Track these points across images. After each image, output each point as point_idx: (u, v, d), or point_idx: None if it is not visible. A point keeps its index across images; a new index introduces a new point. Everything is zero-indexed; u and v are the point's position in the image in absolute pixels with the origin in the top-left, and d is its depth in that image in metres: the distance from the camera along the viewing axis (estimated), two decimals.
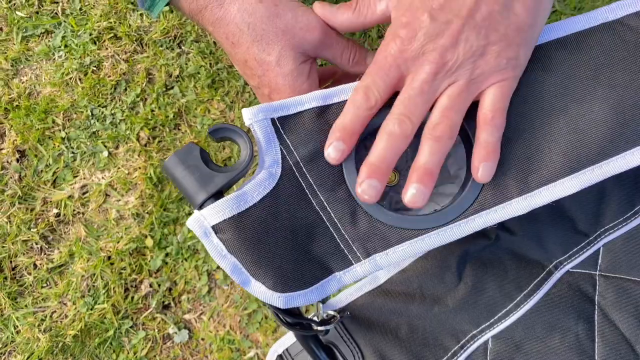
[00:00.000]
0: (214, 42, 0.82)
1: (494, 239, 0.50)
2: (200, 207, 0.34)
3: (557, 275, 0.51)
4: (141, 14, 0.83)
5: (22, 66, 0.82)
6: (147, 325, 0.75)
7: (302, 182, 0.36)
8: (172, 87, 0.80)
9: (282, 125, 0.36)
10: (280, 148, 0.36)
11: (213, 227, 0.34)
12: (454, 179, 0.44)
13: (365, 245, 0.36)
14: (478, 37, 0.33)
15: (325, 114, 0.37)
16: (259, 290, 0.34)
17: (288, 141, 0.36)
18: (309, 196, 0.36)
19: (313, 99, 0.36)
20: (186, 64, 0.81)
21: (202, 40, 0.82)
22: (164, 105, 0.79)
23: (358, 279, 0.37)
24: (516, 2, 0.33)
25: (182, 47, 0.82)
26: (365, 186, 0.34)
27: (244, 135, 0.35)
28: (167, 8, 0.82)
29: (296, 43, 0.39)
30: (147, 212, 0.77)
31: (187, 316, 0.75)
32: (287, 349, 0.50)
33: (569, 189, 0.36)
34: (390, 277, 0.51)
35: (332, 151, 0.35)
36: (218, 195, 0.34)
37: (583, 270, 0.51)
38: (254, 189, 0.35)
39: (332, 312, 0.45)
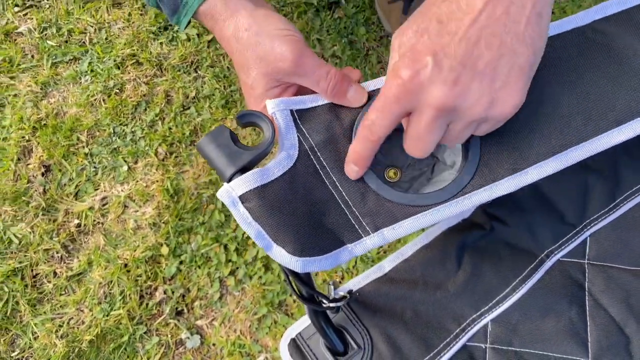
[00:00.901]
0: (228, 67, 0.89)
1: (489, 230, 0.55)
2: (229, 180, 0.39)
3: (549, 263, 0.55)
4: (161, 42, 0.90)
5: (50, 89, 0.89)
6: (160, 331, 0.78)
7: (316, 164, 0.41)
8: (189, 107, 0.87)
9: (299, 116, 0.42)
10: (298, 135, 0.41)
11: (240, 197, 0.38)
12: (450, 167, 0.49)
13: (374, 221, 0.40)
14: (481, 85, 0.33)
15: (335, 110, 0.43)
16: (280, 253, 0.38)
17: (304, 129, 0.42)
18: (323, 177, 0.41)
19: None
20: (202, 86, 0.88)
21: (216, 66, 0.89)
22: (181, 124, 0.85)
23: (367, 251, 0.41)
24: (518, 44, 0.33)
25: (199, 72, 0.89)
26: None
27: (267, 119, 0.40)
28: (184, 36, 0.90)
29: (270, 70, 0.44)
30: (163, 222, 0.81)
31: (199, 322, 0.78)
32: (299, 333, 0.53)
33: (551, 169, 0.41)
34: (395, 266, 0.55)
35: (350, 172, 0.41)
36: (244, 170, 0.39)
37: (573, 259, 0.55)
38: (275, 166, 0.40)
39: (342, 293, 0.49)
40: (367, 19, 0.93)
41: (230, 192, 0.39)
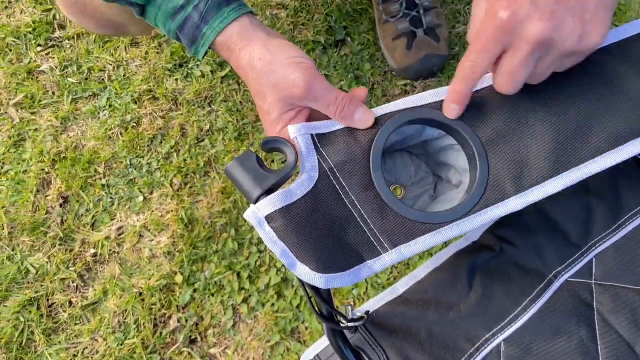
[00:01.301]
0: (240, 101, 0.93)
1: (498, 252, 0.57)
2: (256, 201, 0.41)
3: (557, 284, 0.56)
4: (176, 79, 0.95)
5: (70, 123, 0.93)
6: (174, 359, 0.79)
7: (335, 184, 0.44)
8: (203, 140, 0.90)
9: (319, 140, 0.45)
10: (317, 157, 0.44)
11: (266, 217, 0.41)
12: (456, 187, 0.52)
13: (391, 238, 0.43)
14: (574, 19, 0.37)
15: (353, 132, 0.46)
16: (303, 271, 0.41)
17: (323, 151, 0.45)
18: (342, 196, 0.44)
19: None
20: (215, 120, 0.92)
21: (229, 100, 0.93)
22: (195, 155, 0.89)
23: (386, 267, 0.43)
24: None
25: (212, 106, 0.93)
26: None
27: (289, 144, 0.43)
28: (198, 72, 0.95)
29: (283, 96, 0.47)
30: (178, 251, 0.83)
31: (212, 350, 0.79)
32: (317, 354, 0.54)
33: (555, 188, 0.43)
34: (409, 287, 0.57)
35: (450, 111, 0.44)
36: (269, 192, 0.42)
37: (580, 280, 0.56)
38: (297, 187, 0.42)
39: (359, 314, 0.51)
40: (372, 55, 0.98)
41: (257, 212, 0.41)
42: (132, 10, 0.50)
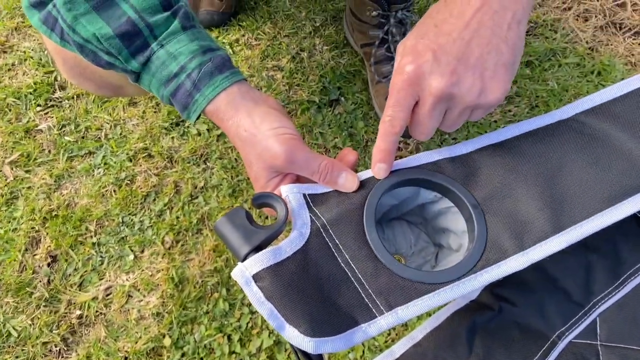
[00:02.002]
0: (235, 159, 0.94)
1: (498, 311, 0.55)
2: (244, 259, 0.40)
3: (561, 345, 0.54)
4: (172, 137, 0.96)
5: (64, 181, 0.92)
6: None
7: (328, 241, 0.43)
8: (197, 197, 0.90)
9: (311, 199, 0.44)
10: (310, 215, 0.43)
11: (253, 276, 0.39)
12: (456, 251, 0.51)
13: (387, 299, 0.41)
14: (474, 76, 0.41)
15: (347, 192, 0.45)
16: (292, 334, 0.38)
17: (316, 209, 0.44)
18: (335, 254, 0.42)
19: None
20: (210, 177, 0.92)
21: (225, 157, 0.94)
22: (189, 213, 0.88)
23: (382, 331, 0.41)
24: (502, 44, 0.41)
25: (207, 163, 0.93)
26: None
27: (280, 200, 0.43)
28: (195, 131, 0.96)
29: (267, 165, 0.48)
30: (167, 312, 0.80)
31: None
32: None
33: (558, 245, 0.43)
34: (406, 350, 0.54)
35: (378, 171, 0.45)
36: (259, 249, 0.40)
37: (585, 341, 0.54)
38: (287, 244, 0.41)
39: None
40: (365, 114, 1.00)
41: (244, 271, 0.40)
42: (127, 77, 0.51)
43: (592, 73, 1.02)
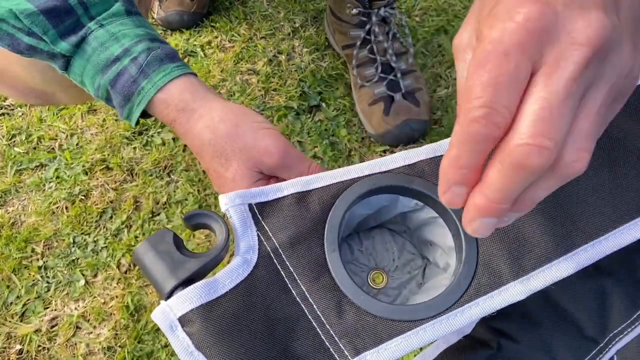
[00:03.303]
0: (203, 171, 0.85)
1: (497, 349, 0.46)
2: (169, 296, 0.31)
3: None
4: (134, 147, 0.87)
5: (10, 197, 0.83)
6: None
7: (280, 270, 0.34)
8: (159, 214, 0.80)
9: (260, 211, 0.35)
10: (258, 234, 0.34)
11: (180, 319, 0.30)
12: (444, 270, 0.42)
13: (353, 342, 0.32)
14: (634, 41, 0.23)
15: (306, 200, 0.36)
16: None
17: (266, 227, 0.35)
18: (289, 285, 0.34)
19: (292, 185, 0.36)
20: (174, 191, 0.82)
21: (191, 169, 0.85)
22: (149, 231, 0.78)
23: None
24: None
25: (172, 176, 0.84)
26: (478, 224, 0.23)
27: (220, 220, 0.34)
28: (159, 140, 0.87)
29: (252, 164, 0.41)
30: (120, 346, 0.70)
31: None
32: None
33: (565, 271, 0.34)
34: None
35: (451, 198, 0.24)
36: (189, 283, 0.32)
37: None
38: (227, 276, 0.32)
39: None
40: (349, 120, 0.92)
41: (168, 312, 0.31)
42: (54, 66, 0.42)
43: None
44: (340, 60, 0.98)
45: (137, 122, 0.44)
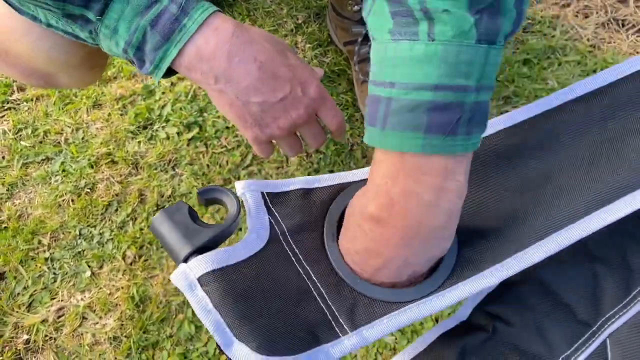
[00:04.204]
0: (207, 165, 0.86)
1: (492, 332, 0.47)
2: (185, 260, 0.33)
3: None
4: (139, 141, 0.88)
5: (17, 190, 0.84)
6: None
7: (288, 250, 0.37)
8: (164, 206, 0.82)
9: (270, 199, 0.39)
10: (269, 217, 0.38)
11: (199, 279, 0.33)
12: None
13: (351, 318, 0.36)
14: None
15: (309, 195, 0.40)
16: (242, 353, 0.31)
17: (275, 212, 0.39)
18: (295, 264, 0.37)
19: (299, 182, 0.40)
20: (179, 184, 0.84)
21: (195, 163, 0.86)
22: None
23: (346, 353, 0.35)
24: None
25: (176, 170, 0.86)
26: None
27: (231, 194, 0.36)
28: (164, 134, 0.89)
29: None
30: (125, 335, 0.72)
31: None
32: None
33: (536, 257, 0.36)
34: None
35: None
36: (202, 251, 0.34)
37: None
38: (243, 246, 0.35)
39: None
40: (351, 115, 0.93)
41: (188, 273, 0.33)
42: (87, 14, 0.41)
43: (594, 71, 0.96)
44: (342, 56, 1.00)
45: (165, 74, 0.44)
